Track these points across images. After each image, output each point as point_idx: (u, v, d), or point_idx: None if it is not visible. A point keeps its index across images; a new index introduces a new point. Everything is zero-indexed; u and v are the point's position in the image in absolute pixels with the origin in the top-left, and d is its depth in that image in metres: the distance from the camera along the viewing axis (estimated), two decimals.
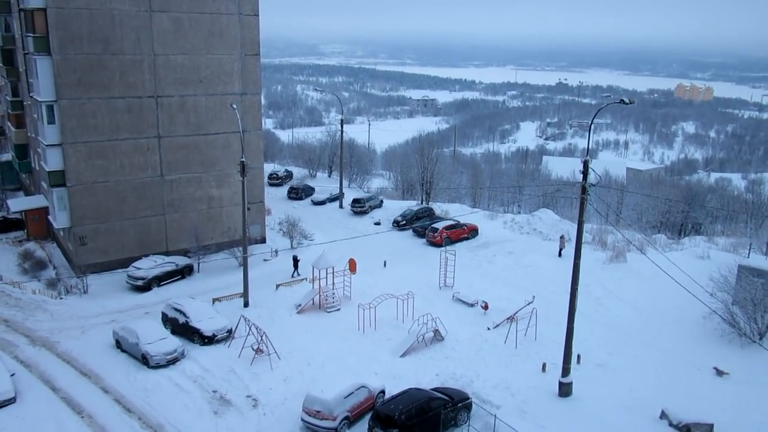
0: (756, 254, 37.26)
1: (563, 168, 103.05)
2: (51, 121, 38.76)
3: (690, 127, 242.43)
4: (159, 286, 39.55)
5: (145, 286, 39.16)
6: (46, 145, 39.21)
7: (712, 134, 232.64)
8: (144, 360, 29.35)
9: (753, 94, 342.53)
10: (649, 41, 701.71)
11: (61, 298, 37.77)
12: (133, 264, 40.16)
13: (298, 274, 41.12)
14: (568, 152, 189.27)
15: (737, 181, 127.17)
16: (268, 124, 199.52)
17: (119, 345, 30.94)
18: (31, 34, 37.93)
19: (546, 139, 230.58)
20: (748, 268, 33.27)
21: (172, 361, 29.49)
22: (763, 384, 27.72)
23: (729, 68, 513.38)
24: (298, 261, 41.76)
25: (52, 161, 39.44)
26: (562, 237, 44.66)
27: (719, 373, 29.03)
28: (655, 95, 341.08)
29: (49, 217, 44.46)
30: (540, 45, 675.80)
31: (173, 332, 31.84)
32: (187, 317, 32.15)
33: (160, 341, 29.87)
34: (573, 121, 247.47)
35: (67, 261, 43.84)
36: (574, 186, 38.73)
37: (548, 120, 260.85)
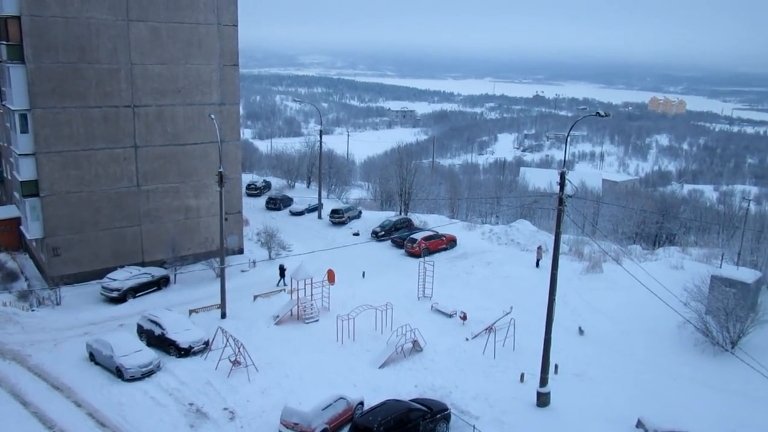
0: (728, 264, 37.90)
1: (540, 179, 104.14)
2: (24, 130, 38.16)
3: (664, 140, 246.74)
4: (134, 297, 39.00)
5: (120, 297, 38.58)
6: (19, 155, 38.57)
7: (685, 147, 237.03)
8: (118, 373, 28.87)
9: (724, 108, 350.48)
10: (624, 55, 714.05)
11: (33, 311, 37.04)
12: (108, 275, 39.57)
13: (285, 284, 40.74)
14: (546, 164, 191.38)
15: (709, 192, 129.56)
16: (246, 134, 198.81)
17: (93, 358, 30.41)
18: (5, 42, 37.34)
19: (523, 150, 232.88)
20: (721, 278, 33.87)
21: (148, 374, 29.05)
22: (736, 392, 28.12)
23: (701, 82, 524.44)
24: (285, 270, 41.44)
25: (25, 171, 38.80)
26: (539, 248, 45.03)
27: (581, 332, 34.12)
28: (630, 108, 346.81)
29: (22, 227, 43.71)
30: (517, 58, 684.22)
31: (149, 344, 31.40)
32: (163, 329, 31.73)
33: (135, 353, 29.42)
34: (550, 133, 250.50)
35: (39, 272, 43.06)
36: (551, 197, 39.17)
37: (526, 132, 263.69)
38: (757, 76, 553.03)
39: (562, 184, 24.99)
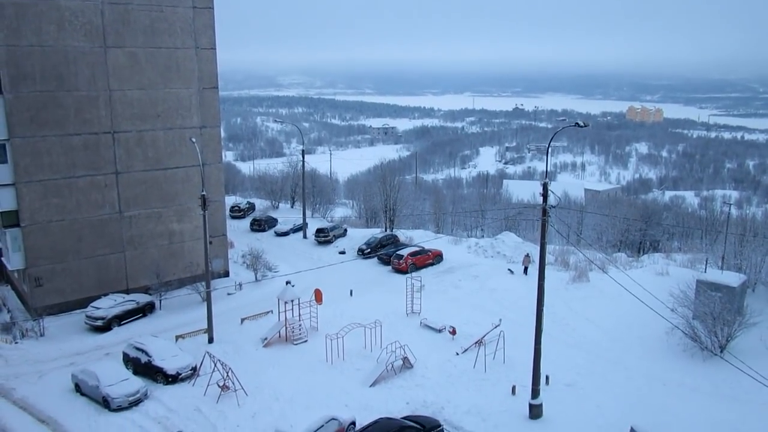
0: (712, 269, 38.20)
1: (523, 191, 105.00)
2: (3, 160, 37.77)
3: (643, 148, 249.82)
4: (119, 325, 38.50)
5: (105, 326, 38.07)
6: None
7: (664, 154, 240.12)
8: (105, 403, 28.37)
9: (700, 115, 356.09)
10: (599, 66, 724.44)
11: (16, 343, 36.36)
12: (92, 304, 39.04)
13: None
14: (528, 175, 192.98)
15: (690, 198, 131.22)
16: (228, 156, 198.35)
17: (79, 389, 29.90)
18: None
19: (505, 163, 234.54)
20: (706, 282, 34.08)
21: (135, 403, 28.58)
22: (727, 396, 28.23)
23: (676, 90, 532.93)
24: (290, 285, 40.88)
25: (5, 201, 38.32)
26: (527, 255, 45.40)
27: (510, 272, 43.55)
28: (608, 118, 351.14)
29: (2, 258, 43.06)
30: (495, 72, 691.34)
31: (135, 372, 30.94)
32: (150, 356, 31.30)
33: (121, 383, 28.96)
34: (531, 145, 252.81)
35: (22, 304, 42.41)
36: (535, 208, 39.40)
37: (507, 144, 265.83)
38: (731, 82, 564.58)
39: (545, 195, 25.13)
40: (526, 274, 44.52)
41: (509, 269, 45.31)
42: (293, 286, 39.19)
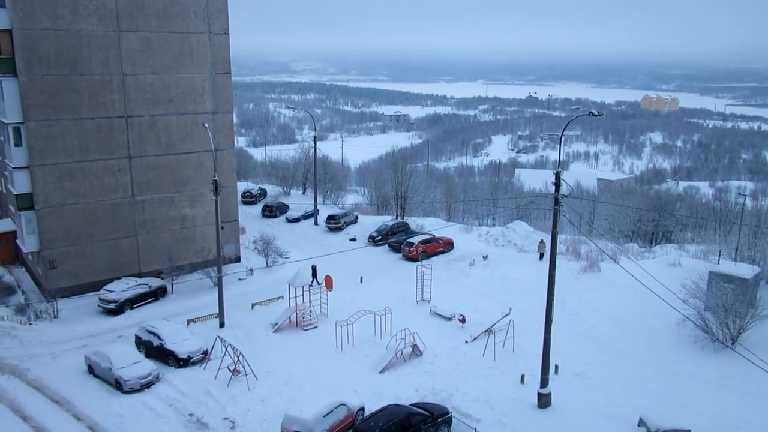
0: (725, 260, 37.85)
1: (536, 180, 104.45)
2: (18, 144, 38.06)
3: (657, 138, 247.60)
4: (132, 308, 38.88)
5: (118, 309, 38.44)
6: (13, 168, 38.48)
7: (679, 144, 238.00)
8: (117, 385, 28.72)
9: (717, 105, 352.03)
10: (614, 54, 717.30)
11: (30, 324, 36.84)
12: (105, 287, 39.40)
13: (318, 283, 40.09)
14: (540, 164, 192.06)
15: (705, 189, 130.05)
16: (240, 142, 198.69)
17: (91, 370, 30.26)
18: None
19: (518, 151, 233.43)
20: (719, 274, 33.81)
21: (147, 385, 28.91)
22: (737, 388, 28.11)
23: (692, 79, 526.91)
24: (316, 268, 41.04)
25: (20, 184, 38.70)
26: (542, 242, 45.46)
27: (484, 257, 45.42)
28: (623, 107, 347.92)
29: (17, 241, 43.53)
30: (508, 60, 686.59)
31: (147, 355, 31.27)
32: (162, 339, 31.60)
33: (133, 365, 29.27)
34: (544, 134, 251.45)
35: (36, 286, 42.89)
36: (547, 197, 39.23)
37: (519, 133, 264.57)
38: (749, 72, 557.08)
39: (557, 185, 24.98)
40: (541, 259, 44.66)
41: (483, 256, 46.42)
42: (316, 276, 38.88)
